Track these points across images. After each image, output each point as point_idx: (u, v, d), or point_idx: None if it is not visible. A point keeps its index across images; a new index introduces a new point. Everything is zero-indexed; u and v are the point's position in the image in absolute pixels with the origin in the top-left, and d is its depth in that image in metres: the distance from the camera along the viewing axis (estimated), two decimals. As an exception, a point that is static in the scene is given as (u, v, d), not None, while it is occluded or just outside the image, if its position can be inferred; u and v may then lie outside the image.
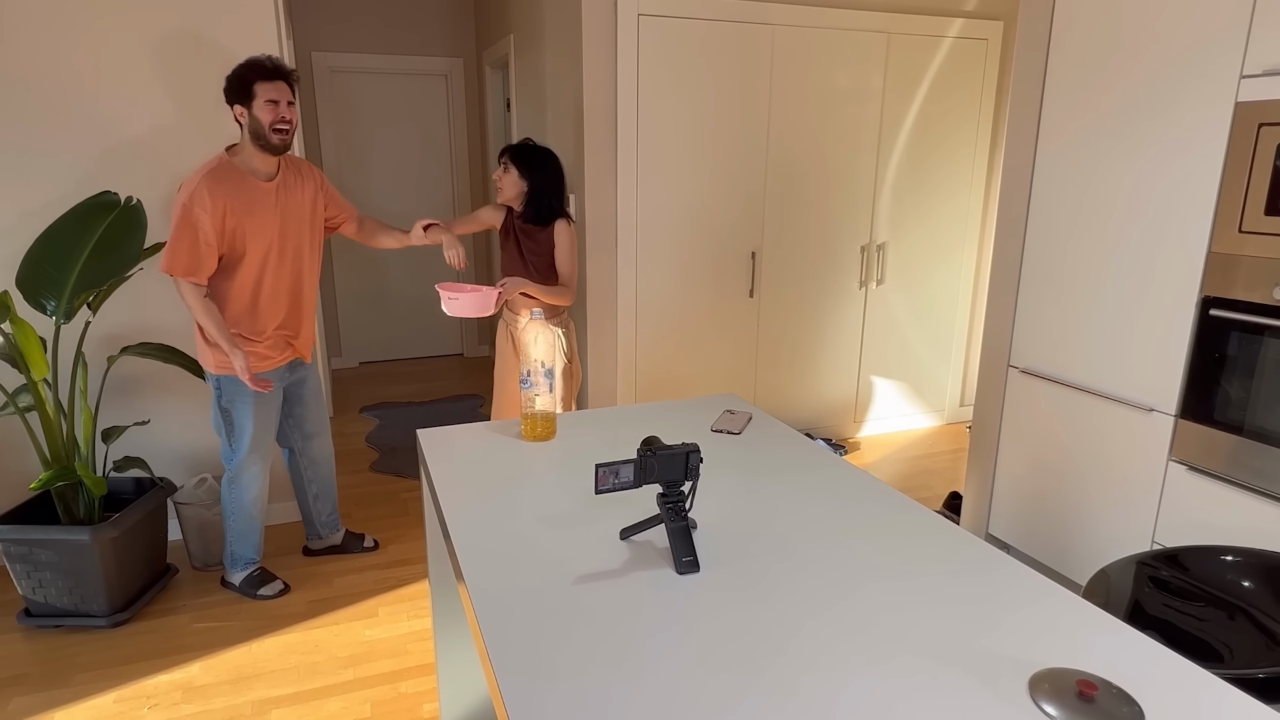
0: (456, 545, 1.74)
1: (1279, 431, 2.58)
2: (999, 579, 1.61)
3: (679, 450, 1.66)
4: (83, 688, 2.92)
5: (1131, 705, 1.22)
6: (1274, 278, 2.54)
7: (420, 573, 3.69)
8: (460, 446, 2.31)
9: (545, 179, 3.61)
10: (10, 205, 3.45)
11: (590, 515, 1.86)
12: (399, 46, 6.71)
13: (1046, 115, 3.29)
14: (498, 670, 1.32)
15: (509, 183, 3.59)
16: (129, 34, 3.46)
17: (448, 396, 6.30)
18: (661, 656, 1.35)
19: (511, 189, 3.60)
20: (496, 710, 1.29)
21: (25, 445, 3.61)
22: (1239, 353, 2.68)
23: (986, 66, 5.10)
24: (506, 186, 3.60)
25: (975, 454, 3.79)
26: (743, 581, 1.59)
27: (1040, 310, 3.39)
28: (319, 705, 2.84)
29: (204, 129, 3.63)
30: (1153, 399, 2.97)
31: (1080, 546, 3.29)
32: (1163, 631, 1.91)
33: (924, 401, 5.64)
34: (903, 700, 1.26)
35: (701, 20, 4.39)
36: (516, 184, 3.59)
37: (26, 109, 3.40)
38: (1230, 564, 2.04)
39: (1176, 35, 2.78)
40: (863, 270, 5.15)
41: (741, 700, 1.25)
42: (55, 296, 3.16)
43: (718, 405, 2.67)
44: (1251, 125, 2.57)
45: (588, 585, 1.57)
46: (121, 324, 3.67)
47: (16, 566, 3.16)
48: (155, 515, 3.50)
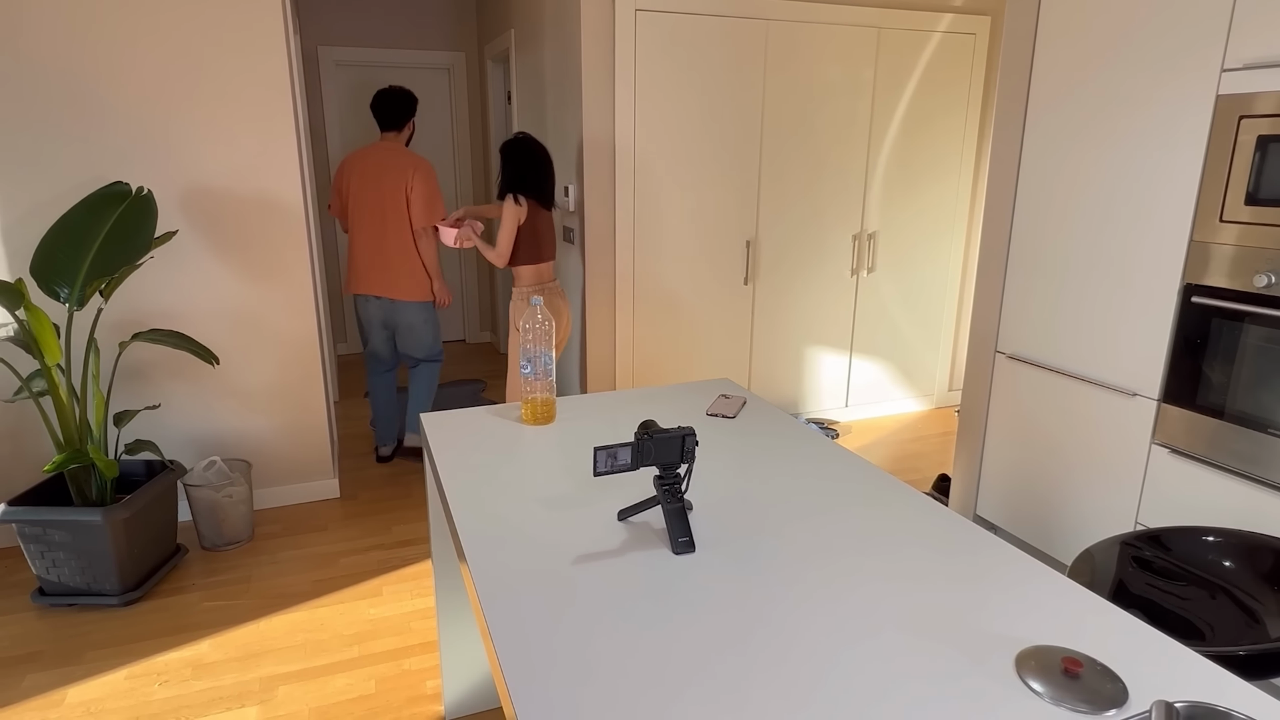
0: (459, 526, 1.74)
1: (1259, 415, 2.58)
2: (986, 559, 1.61)
3: (675, 434, 1.66)
4: (95, 665, 2.92)
5: (1116, 682, 1.22)
6: (1254, 266, 2.54)
7: (423, 553, 3.69)
8: (462, 430, 2.31)
9: (517, 163, 4.02)
10: (24, 195, 3.43)
11: (589, 497, 1.86)
12: (403, 41, 6.68)
13: (1032, 107, 3.28)
14: (499, 647, 1.32)
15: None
16: (140, 29, 3.43)
17: (450, 381, 6.28)
18: (657, 633, 1.35)
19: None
20: (498, 686, 1.29)
21: (39, 429, 3.61)
22: (1220, 339, 2.67)
23: (974, 60, 5.08)
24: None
25: (963, 437, 3.79)
26: (737, 561, 1.59)
27: (1026, 297, 3.39)
28: (325, 681, 2.84)
29: (212, 120, 3.61)
30: (1136, 384, 2.97)
31: (1065, 527, 3.29)
32: (1146, 610, 1.91)
33: (913, 386, 5.64)
34: (892, 676, 1.25)
35: (697, 15, 4.37)
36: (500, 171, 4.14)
37: (39, 102, 3.38)
38: (1211, 544, 2.04)
39: (1159, 29, 2.76)
40: (854, 258, 5.15)
41: (735, 675, 1.24)
42: (68, 284, 3.15)
43: (713, 390, 2.67)
44: (1232, 117, 2.56)
45: (586, 565, 1.57)
46: (133, 311, 3.66)
47: (31, 547, 3.16)
48: (165, 497, 3.50)
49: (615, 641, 1.33)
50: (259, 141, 3.72)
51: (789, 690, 1.22)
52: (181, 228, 3.66)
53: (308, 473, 4.21)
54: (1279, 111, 2.45)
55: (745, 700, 1.19)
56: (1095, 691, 1.20)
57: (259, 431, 4.05)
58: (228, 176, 3.70)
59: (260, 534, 3.87)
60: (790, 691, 1.22)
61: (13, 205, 3.43)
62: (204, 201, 3.69)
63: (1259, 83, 2.50)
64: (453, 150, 7.06)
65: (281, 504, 4.18)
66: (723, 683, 1.23)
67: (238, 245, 3.79)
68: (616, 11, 4.19)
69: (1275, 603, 1.87)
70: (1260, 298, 2.53)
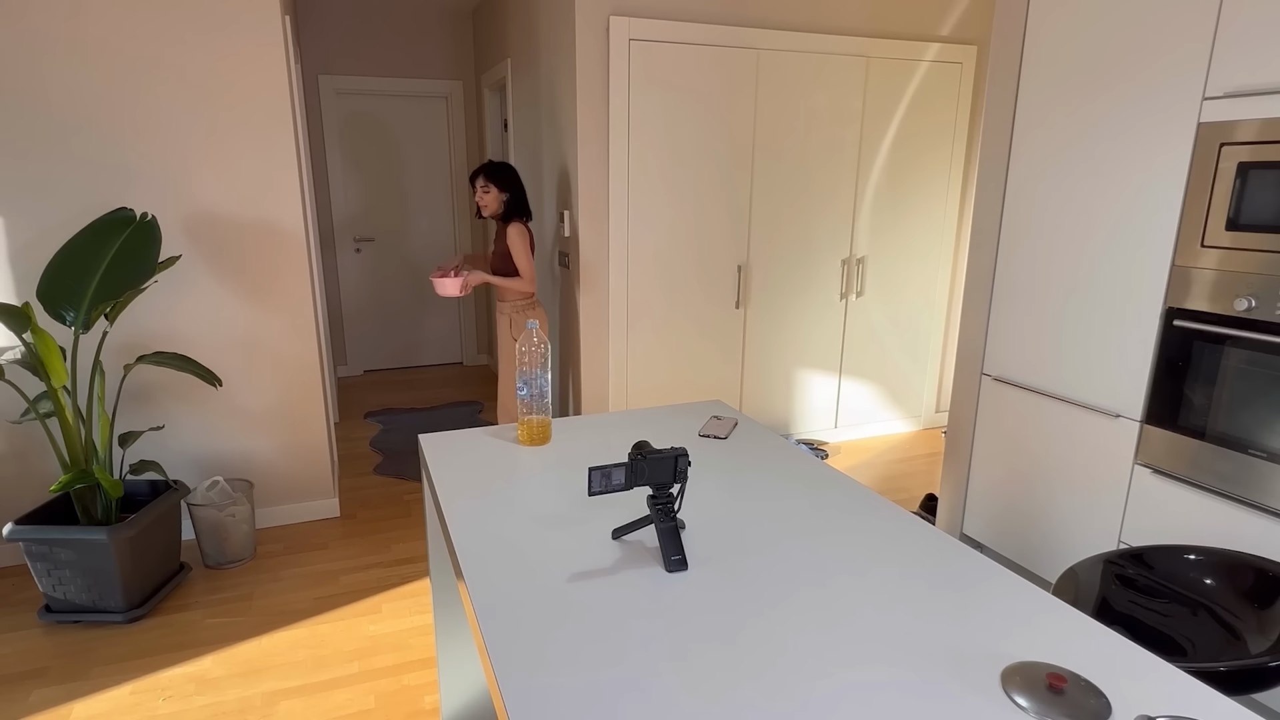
0: (456, 544, 1.73)
1: (1239, 436, 2.59)
2: (973, 577, 1.61)
3: (668, 454, 1.66)
4: (100, 680, 2.91)
5: (1099, 697, 1.22)
6: (1234, 290, 2.55)
7: (422, 571, 3.68)
8: (460, 450, 2.31)
9: (516, 187, 4.15)
10: (31, 221, 3.43)
11: (583, 516, 1.86)
12: (401, 69, 6.71)
13: (1018, 135, 3.30)
14: (496, 663, 1.31)
15: (492, 198, 4.12)
16: (145, 59, 3.45)
17: (448, 403, 6.28)
18: (651, 650, 1.35)
19: (495, 202, 4.13)
20: (495, 701, 1.28)
21: (45, 449, 3.60)
22: (1201, 361, 2.68)
23: (961, 89, 5.12)
24: (490, 202, 4.12)
25: (950, 458, 3.79)
26: (728, 579, 1.59)
27: (1012, 320, 3.40)
28: (326, 697, 2.83)
29: (215, 148, 3.63)
30: (1119, 405, 2.97)
31: (1050, 546, 3.29)
32: (1129, 627, 1.91)
33: (901, 407, 5.64)
34: (880, 690, 1.25)
35: (690, 45, 4.40)
36: (498, 197, 4.13)
37: (47, 132, 3.39)
38: (1193, 562, 2.05)
39: (1143, 58, 2.79)
40: (843, 282, 5.16)
41: (726, 691, 1.24)
42: (74, 307, 3.15)
43: (705, 411, 2.67)
44: (1213, 145, 2.58)
45: (581, 583, 1.57)
46: (138, 334, 3.66)
47: (37, 565, 3.15)
48: (169, 516, 3.48)
49: (609, 658, 1.33)
50: (261, 169, 3.73)
51: (778, 705, 1.22)
52: (185, 253, 3.67)
53: (308, 492, 4.20)
54: (1260, 139, 2.47)
55: (738, 716, 1.19)
56: (1079, 706, 1.20)
57: (261, 452, 4.04)
58: (230, 202, 3.71)
59: (262, 552, 3.86)
60: (779, 706, 1.22)
61: (20, 230, 3.44)
62: (207, 227, 3.70)
63: (1240, 111, 2.52)
64: (451, 176, 7.08)
65: (283, 523, 4.16)
66: (714, 698, 1.23)
67: (240, 270, 3.79)
68: (610, 41, 4.21)
69: (1255, 620, 1.87)
70: (1241, 321, 2.55)
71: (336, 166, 6.69)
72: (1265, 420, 2.52)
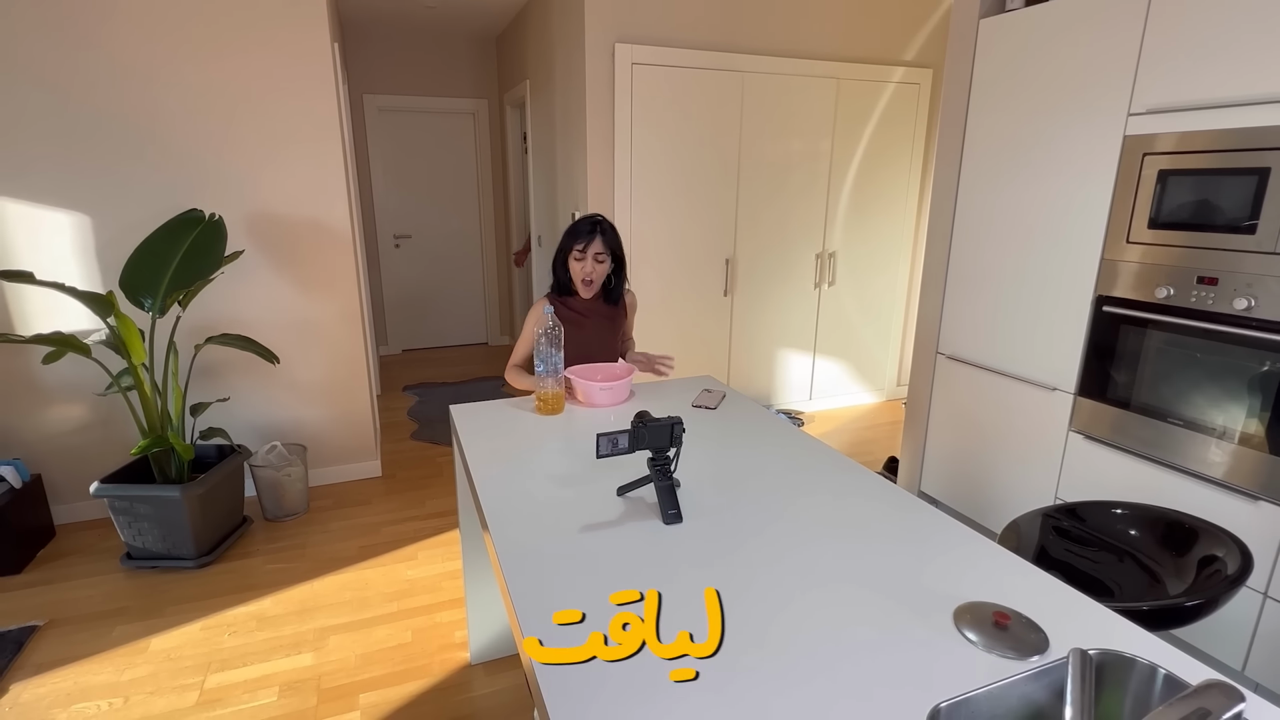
0: (482, 500, 1.73)
1: (1159, 406, 2.58)
2: (928, 528, 1.60)
3: (666, 422, 1.66)
4: (174, 617, 2.91)
5: (1039, 632, 1.22)
6: (1155, 280, 2.54)
7: (452, 523, 3.68)
8: (485, 419, 2.30)
9: (616, 256, 2.74)
10: (113, 220, 3.41)
11: (592, 476, 1.85)
12: (434, 89, 6.65)
13: (969, 146, 3.27)
14: (516, 603, 1.31)
15: (601, 270, 2.69)
16: (212, 79, 3.42)
17: (475, 378, 6.27)
18: (650, 587, 1.34)
19: (602, 275, 2.71)
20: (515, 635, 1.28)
21: (126, 418, 3.59)
22: (1126, 342, 2.67)
23: (919, 106, 5.07)
24: (599, 275, 2.69)
25: (909, 425, 3.79)
26: (717, 530, 1.58)
27: (963, 306, 3.38)
28: (369, 632, 2.83)
29: (273, 156, 3.60)
30: (1056, 380, 2.96)
31: (996, 501, 3.29)
32: (1064, 572, 1.90)
33: (867, 381, 5.63)
34: (848, 625, 1.25)
35: (685, 69, 4.36)
36: (607, 267, 2.71)
37: (127, 144, 3.36)
38: (1119, 516, 2.04)
39: (1076, 80, 2.76)
40: (817, 273, 5.14)
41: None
42: (151, 295, 3.14)
43: (697, 385, 2.66)
44: (1137, 154, 2.57)
45: (590, 533, 1.57)
46: (206, 318, 3.64)
47: (119, 518, 3.15)
48: (234, 476, 3.48)
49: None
50: (313, 175, 3.70)
51: (758, 631, 1.22)
52: (247, 248, 3.65)
53: (354, 455, 4.19)
54: (1177, 149, 2.45)
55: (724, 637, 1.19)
56: (1021, 640, 1.20)
57: (313, 420, 4.04)
58: (287, 205, 3.69)
59: (314, 507, 3.86)
60: (759, 632, 1.21)
61: (104, 228, 3.41)
62: (266, 226, 3.67)
63: (1160, 125, 2.50)
64: (476, 185, 7.05)
65: (332, 481, 4.16)
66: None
67: (295, 263, 3.77)
68: (616, 65, 4.18)
69: (1173, 565, 1.87)
70: (1161, 307, 2.54)
71: (379, 173, 6.65)
72: (1182, 393, 2.52)
